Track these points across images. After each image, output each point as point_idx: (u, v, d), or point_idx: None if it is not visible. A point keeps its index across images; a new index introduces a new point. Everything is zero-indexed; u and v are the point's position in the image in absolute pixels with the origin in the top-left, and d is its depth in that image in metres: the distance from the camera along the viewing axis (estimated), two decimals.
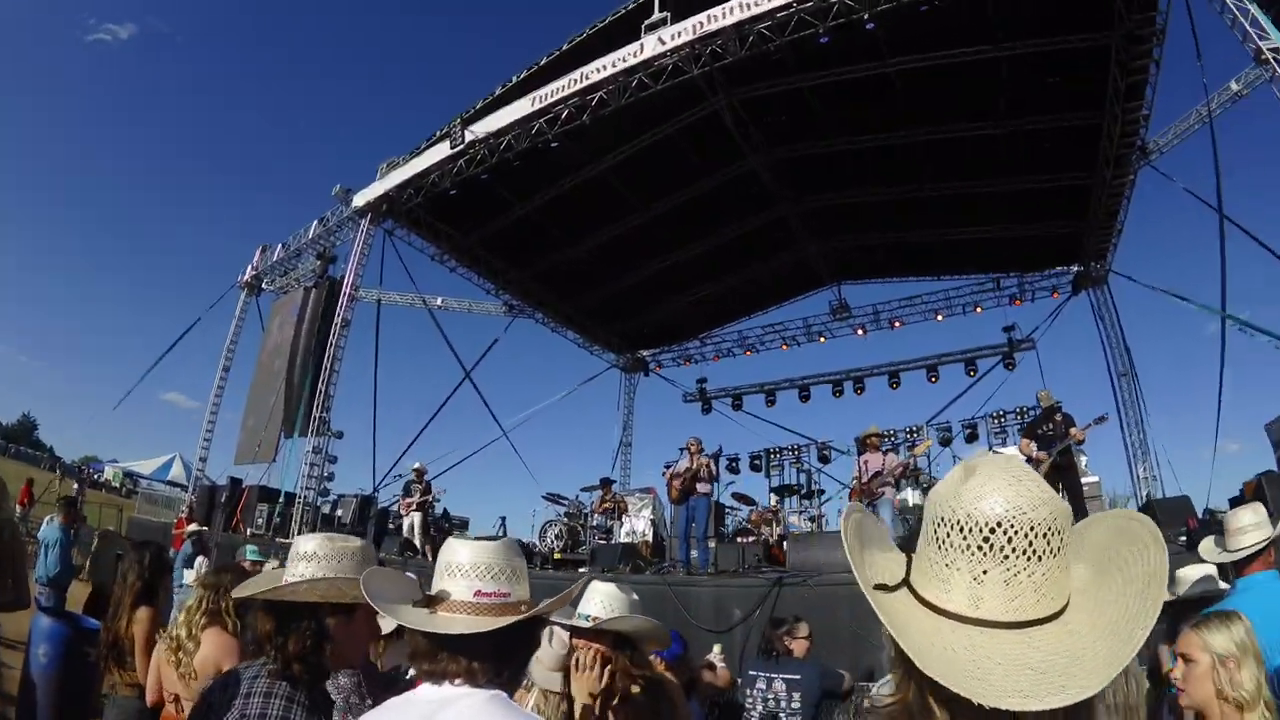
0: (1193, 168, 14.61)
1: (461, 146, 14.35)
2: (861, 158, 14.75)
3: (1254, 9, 9.60)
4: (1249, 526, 3.22)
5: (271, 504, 15.63)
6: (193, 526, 14.23)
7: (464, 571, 1.42)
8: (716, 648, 5.43)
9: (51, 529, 7.50)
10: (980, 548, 0.85)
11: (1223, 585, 3.38)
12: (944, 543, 0.88)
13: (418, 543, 13.32)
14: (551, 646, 2.47)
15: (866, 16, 10.71)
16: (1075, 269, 17.38)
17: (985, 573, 0.85)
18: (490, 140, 14.11)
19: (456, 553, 1.45)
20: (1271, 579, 3.10)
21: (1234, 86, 12.97)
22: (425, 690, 1.37)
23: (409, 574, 1.50)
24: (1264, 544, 3.17)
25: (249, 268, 20.68)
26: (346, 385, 16.67)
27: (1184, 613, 3.03)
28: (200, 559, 8.60)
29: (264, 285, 20.56)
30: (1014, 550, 0.84)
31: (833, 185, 15.78)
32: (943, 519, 0.88)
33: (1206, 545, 3.52)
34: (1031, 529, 0.84)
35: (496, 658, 1.37)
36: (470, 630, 1.36)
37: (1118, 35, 11.03)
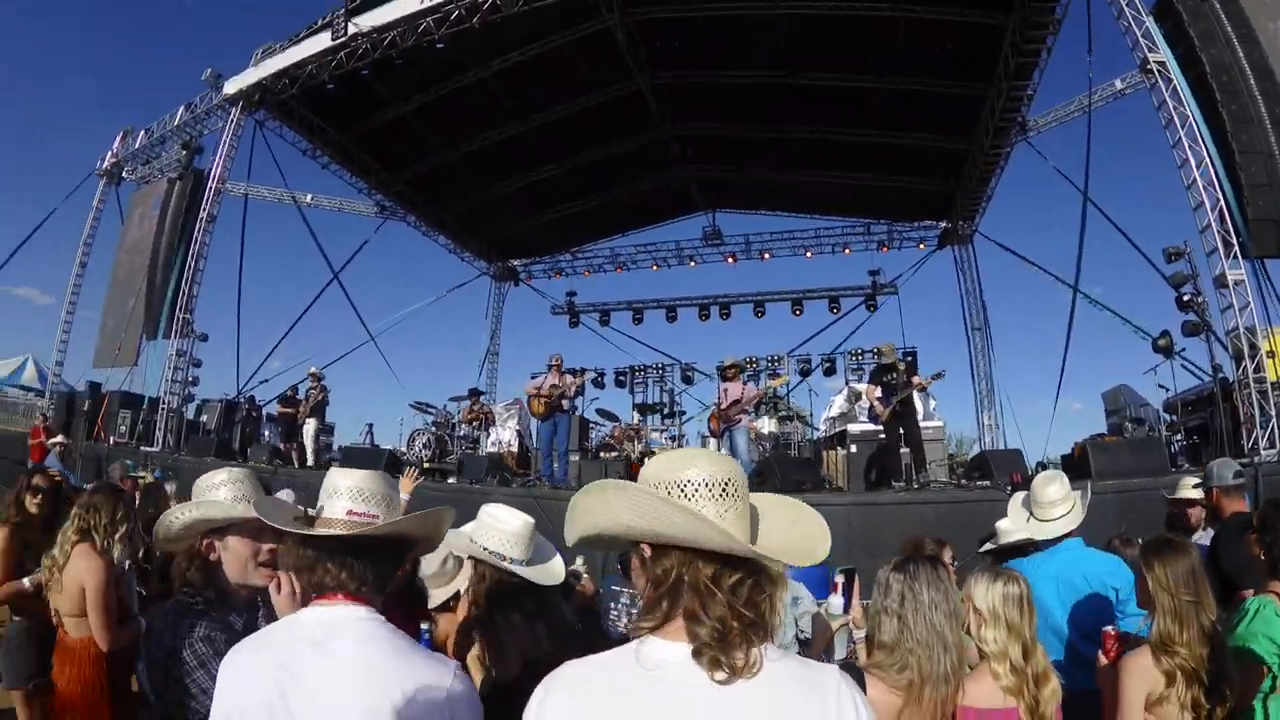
0: (1065, 150, 15.66)
1: (343, 39, 13.53)
2: (749, 92, 14.89)
3: (1149, 21, 10.06)
4: (1057, 500, 3.47)
5: (134, 410, 15.09)
6: (58, 439, 13.66)
7: (339, 494, 1.59)
8: (580, 560, 5.71)
9: None
10: (721, 495, 1.27)
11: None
12: (693, 496, 1.26)
13: (309, 451, 13.13)
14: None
15: None
16: (943, 225, 18.37)
17: (726, 511, 1.26)
18: (374, 35, 13.38)
19: (337, 479, 1.63)
20: (1077, 545, 3.41)
21: (1118, 85, 13.72)
22: (309, 613, 1.52)
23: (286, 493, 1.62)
24: (1068, 515, 3.45)
25: (109, 154, 19.11)
26: (210, 285, 15.92)
27: (1001, 561, 3.39)
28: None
29: (125, 174, 19.08)
30: (737, 495, 1.28)
31: (717, 115, 15.94)
32: (689, 481, 1.27)
33: (1015, 507, 3.71)
34: (742, 482, 1.31)
35: (363, 568, 1.52)
36: (338, 534, 1.54)
37: (1016, 18, 11.47)
